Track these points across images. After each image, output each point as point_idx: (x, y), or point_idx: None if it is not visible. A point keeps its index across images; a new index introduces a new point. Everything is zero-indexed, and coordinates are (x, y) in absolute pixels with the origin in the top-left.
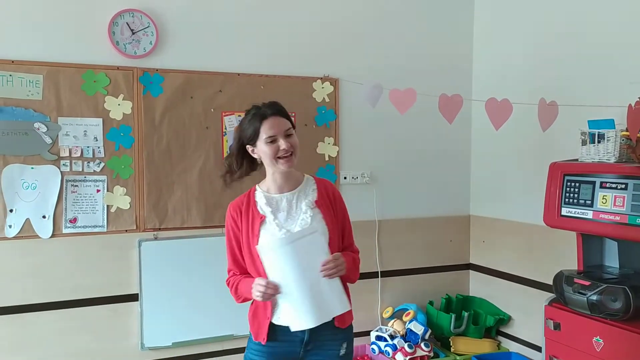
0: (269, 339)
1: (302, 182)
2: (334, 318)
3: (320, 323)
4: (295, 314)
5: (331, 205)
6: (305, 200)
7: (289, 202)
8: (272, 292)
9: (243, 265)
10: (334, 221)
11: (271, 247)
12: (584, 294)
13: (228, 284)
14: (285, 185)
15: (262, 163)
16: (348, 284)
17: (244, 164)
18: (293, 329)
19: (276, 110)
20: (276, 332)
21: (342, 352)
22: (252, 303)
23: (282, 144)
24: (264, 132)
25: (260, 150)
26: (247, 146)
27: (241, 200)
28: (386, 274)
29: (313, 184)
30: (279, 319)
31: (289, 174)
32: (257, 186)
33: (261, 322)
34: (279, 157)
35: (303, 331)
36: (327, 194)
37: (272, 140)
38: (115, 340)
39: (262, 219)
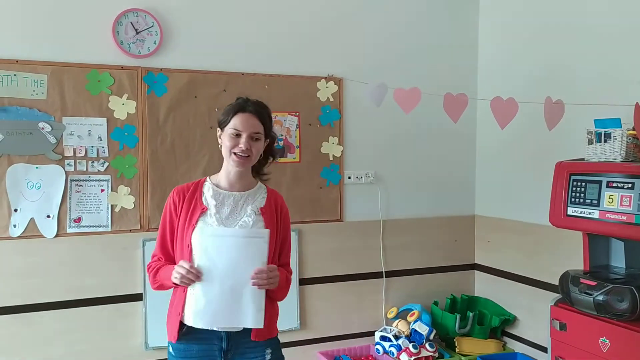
0: (181, 339)
1: (254, 187)
2: (250, 330)
3: (222, 326)
4: (203, 308)
5: (276, 217)
6: (252, 205)
7: (235, 201)
8: (193, 277)
9: (170, 252)
10: (275, 233)
11: (213, 233)
12: (590, 294)
13: (149, 269)
14: (237, 184)
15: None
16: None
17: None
18: (192, 322)
19: (255, 110)
20: (192, 333)
21: (268, 357)
22: (170, 302)
23: (243, 143)
24: (232, 123)
25: (223, 139)
26: (217, 129)
27: (187, 187)
28: (391, 274)
29: (264, 192)
30: (189, 319)
31: (243, 174)
32: (208, 178)
33: (172, 319)
34: (233, 153)
35: (220, 338)
36: (275, 206)
37: (236, 134)
38: (119, 340)
39: (204, 210)
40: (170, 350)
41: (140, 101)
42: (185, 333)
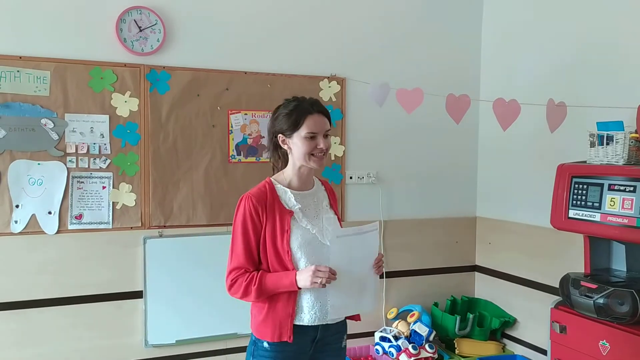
0: (281, 340)
1: (315, 182)
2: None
3: (348, 314)
4: (336, 302)
5: (335, 206)
6: (325, 201)
7: (312, 199)
8: (332, 278)
9: (256, 261)
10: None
11: (338, 234)
12: (591, 297)
13: (234, 283)
14: (308, 183)
15: (284, 155)
16: None
17: (280, 156)
18: (331, 316)
19: (322, 108)
20: (297, 331)
21: (344, 344)
22: (266, 303)
23: (321, 143)
24: (307, 127)
25: (295, 143)
26: (279, 135)
27: (262, 192)
28: (391, 274)
29: (321, 184)
30: (300, 319)
31: (310, 174)
32: (272, 180)
33: (282, 321)
34: (312, 155)
35: (316, 329)
36: (331, 195)
37: (312, 137)
38: (119, 337)
39: (292, 214)
40: (265, 345)
41: (143, 99)
42: (288, 332)
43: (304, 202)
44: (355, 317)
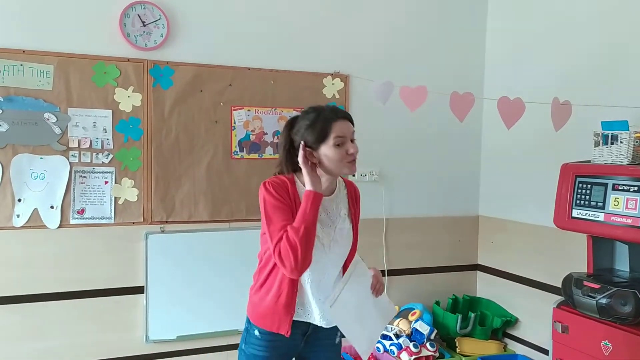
0: (270, 329)
1: (337, 186)
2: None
3: (383, 330)
4: (366, 345)
5: (354, 209)
6: (342, 208)
7: (330, 205)
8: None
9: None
10: (356, 227)
11: (334, 300)
12: (594, 297)
13: (291, 238)
14: (328, 189)
15: (292, 158)
16: None
17: (289, 167)
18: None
19: (345, 114)
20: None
21: (337, 340)
22: (274, 296)
23: (352, 147)
24: (335, 133)
25: (324, 155)
26: (307, 149)
27: (284, 183)
28: (393, 272)
29: (344, 187)
30: (297, 315)
31: (333, 179)
32: (295, 177)
33: (282, 317)
34: (346, 162)
35: (308, 325)
36: (352, 199)
37: (340, 143)
38: (120, 332)
39: None
40: (257, 333)
41: (146, 94)
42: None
43: (321, 208)
44: None
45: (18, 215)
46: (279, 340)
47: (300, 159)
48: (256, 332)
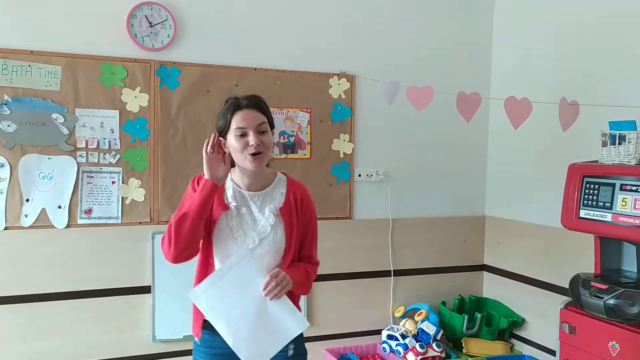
0: (204, 335)
1: (272, 183)
2: None
3: (279, 349)
4: (252, 352)
5: (296, 213)
6: (270, 205)
7: (253, 202)
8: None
9: None
10: (295, 232)
11: (204, 287)
12: (601, 298)
13: (169, 223)
14: (254, 183)
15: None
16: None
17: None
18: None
19: (252, 102)
20: (212, 329)
21: (290, 352)
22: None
23: (251, 139)
24: (235, 123)
25: (230, 144)
26: (220, 138)
27: None
28: (399, 272)
29: (283, 186)
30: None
31: (257, 172)
32: (230, 174)
33: (195, 318)
34: (247, 154)
35: None
36: (294, 200)
37: (242, 134)
38: (127, 332)
39: (226, 208)
40: (197, 341)
41: (153, 94)
42: (209, 326)
43: (241, 203)
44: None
45: (26, 215)
46: (216, 347)
47: (204, 147)
48: (196, 340)
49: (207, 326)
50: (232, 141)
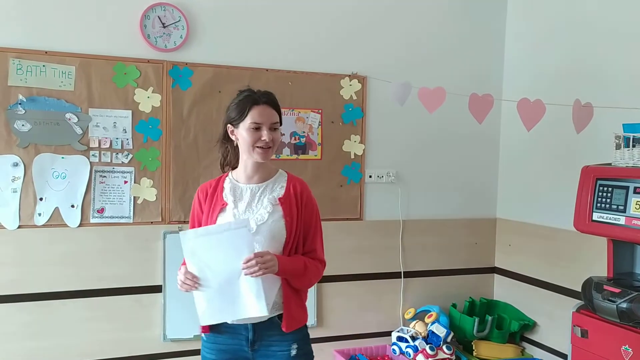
0: (211, 331)
1: (273, 176)
2: (281, 320)
3: (230, 320)
4: (207, 309)
5: (297, 205)
6: (269, 196)
7: (252, 193)
8: (190, 283)
9: None
10: (297, 222)
11: (196, 234)
12: (614, 302)
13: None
14: (255, 175)
15: (236, 147)
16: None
17: (230, 150)
18: (201, 322)
19: (269, 100)
20: (219, 325)
21: (294, 352)
22: None
23: (265, 135)
24: (251, 117)
25: (240, 134)
26: (228, 125)
27: (210, 184)
28: (409, 274)
29: (284, 180)
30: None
31: (260, 165)
32: (230, 173)
33: None
34: (256, 147)
35: (247, 328)
36: (294, 193)
37: (256, 128)
38: (138, 331)
39: (224, 206)
40: (204, 337)
41: (165, 95)
42: (214, 325)
43: (240, 195)
44: (286, 324)
45: (39, 214)
46: (221, 342)
47: (179, 282)
48: (203, 336)
49: (212, 327)
50: (243, 132)
